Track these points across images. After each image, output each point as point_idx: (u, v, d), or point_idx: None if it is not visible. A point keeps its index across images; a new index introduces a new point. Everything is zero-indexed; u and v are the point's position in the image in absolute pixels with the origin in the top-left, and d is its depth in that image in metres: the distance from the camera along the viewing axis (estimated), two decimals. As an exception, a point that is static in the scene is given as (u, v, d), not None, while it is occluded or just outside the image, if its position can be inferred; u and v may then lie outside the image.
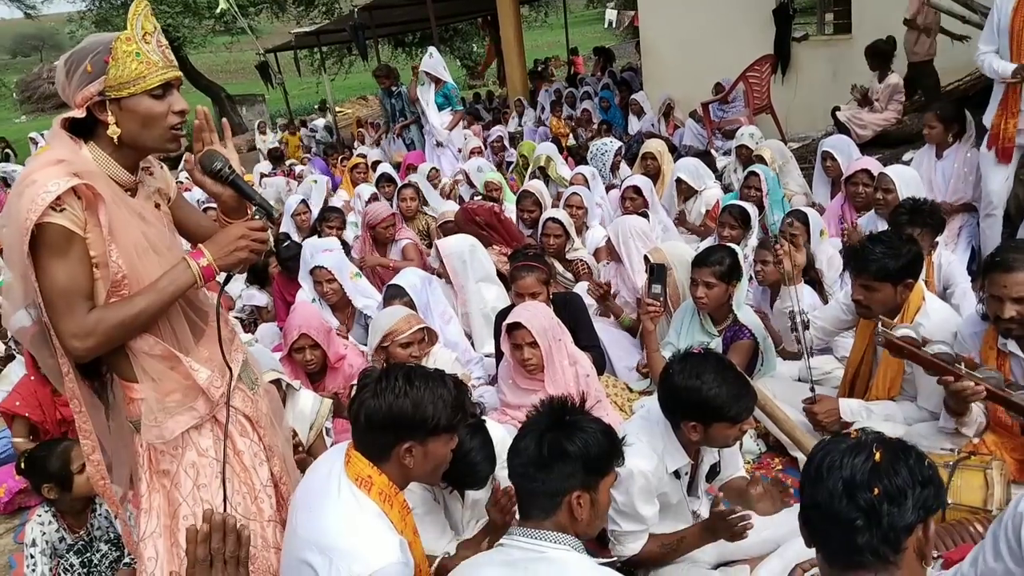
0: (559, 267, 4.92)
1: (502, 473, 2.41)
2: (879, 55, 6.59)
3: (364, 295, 4.44)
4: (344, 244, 5.63)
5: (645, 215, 5.24)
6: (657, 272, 3.59)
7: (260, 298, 5.34)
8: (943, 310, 3.05)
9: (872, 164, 4.72)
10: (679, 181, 5.81)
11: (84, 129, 1.81)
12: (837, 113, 6.84)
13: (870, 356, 3.16)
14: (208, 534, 1.60)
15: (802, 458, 3.12)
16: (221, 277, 1.93)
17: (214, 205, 2.03)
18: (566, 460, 1.84)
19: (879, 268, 2.87)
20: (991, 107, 4.51)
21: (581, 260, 4.97)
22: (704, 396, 2.29)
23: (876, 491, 1.41)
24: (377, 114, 19.16)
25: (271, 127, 19.75)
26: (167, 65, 1.80)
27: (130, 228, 1.81)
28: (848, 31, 8.27)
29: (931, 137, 4.97)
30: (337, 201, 7.89)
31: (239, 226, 1.89)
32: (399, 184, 6.62)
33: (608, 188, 6.66)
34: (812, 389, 3.16)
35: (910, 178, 4.25)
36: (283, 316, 4.80)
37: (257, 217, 1.91)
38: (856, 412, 3.07)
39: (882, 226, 4.27)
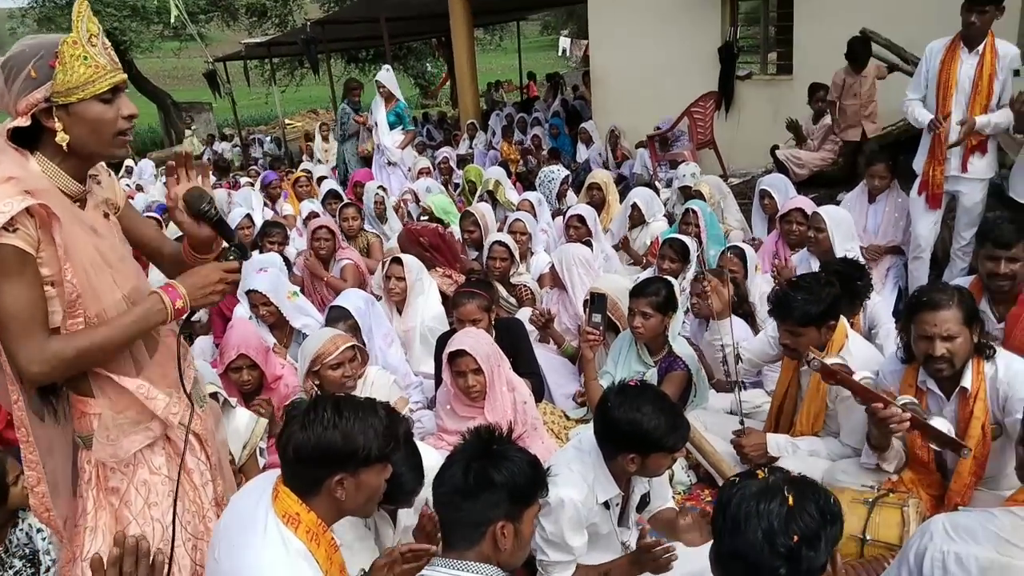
0: (503, 291, 4.95)
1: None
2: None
3: (303, 313, 4.39)
4: (286, 260, 5.58)
5: (588, 244, 5.32)
6: (597, 302, 3.64)
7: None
8: (865, 348, 3.18)
9: (806, 203, 4.89)
10: (634, 207, 5.92)
11: (27, 138, 1.74)
12: (776, 152, 7.07)
13: (794, 391, 3.26)
14: (119, 558, 1.56)
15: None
16: None
17: (154, 215, 2.01)
18: (492, 489, 1.86)
19: (802, 314, 2.98)
20: (920, 154, 4.74)
21: (525, 286, 5.02)
22: (644, 428, 2.33)
23: (796, 538, 1.47)
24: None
25: (219, 137, 19.47)
26: (114, 68, 1.76)
27: (83, 244, 1.77)
28: (789, 72, 8.56)
29: (880, 187, 5.15)
30: (280, 214, 7.81)
31: (216, 269, 1.87)
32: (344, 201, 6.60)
33: (554, 215, 6.75)
34: (742, 422, 3.24)
35: (841, 219, 4.41)
36: (220, 331, 4.72)
37: (232, 257, 1.89)
38: (783, 447, 3.16)
39: (814, 264, 4.44)
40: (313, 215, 6.46)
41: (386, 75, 8.62)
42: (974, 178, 4.55)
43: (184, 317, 1.91)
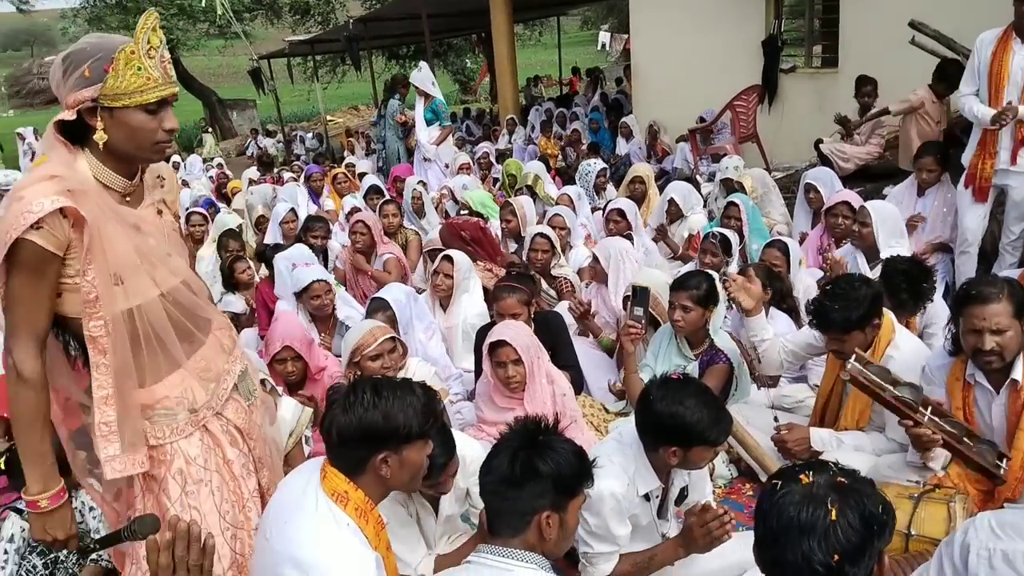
0: (544, 283, 4.97)
1: (475, 489, 2.44)
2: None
3: (347, 304, 4.47)
4: (325, 253, 5.68)
5: (629, 237, 5.31)
6: (640, 295, 3.64)
7: (237, 305, 5.35)
8: (912, 343, 3.12)
9: (853, 197, 4.81)
10: (671, 202, 5.90)
11: (79, 133, 1.81)
12: (820, 145, 6.95)
13: (840, 386, 3.22)
14: (171, 542, 1.61)
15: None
16: None
17: (200, 210, 2.07)
18: (537, 479, 1.87)
19: (843, 322, 2.94)
20: (970, 147, 4.64)
21: (565, 278, 5.03)
22: (687, 422, 2.32)
23: (836, 557, 1.43)
24: (367, 124, 19.23)
25: (262, 133, 19.78)
26: (167, 82, 1.82)
27: (120, 243, 1.82)
28: (835, 64, 8.41)
29: (928, 180, 5.06)
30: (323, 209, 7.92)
31: (66, 529, 1.90)
32: (385, 197, 6.67)
33: (592, 209, 6.76)
34: (776, 419, 3.23)
35: (888, 215, 4.33)
36: (265, 323, 4.81)
37: (85, 543, 1.94)
38: (827, 441, 3.12)
39: (860, 258, 4.37)
40: (355, 210, 6.55)
41: (419, 75, 8.68)
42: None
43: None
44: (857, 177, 6.78)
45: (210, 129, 20.52)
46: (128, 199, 1.91)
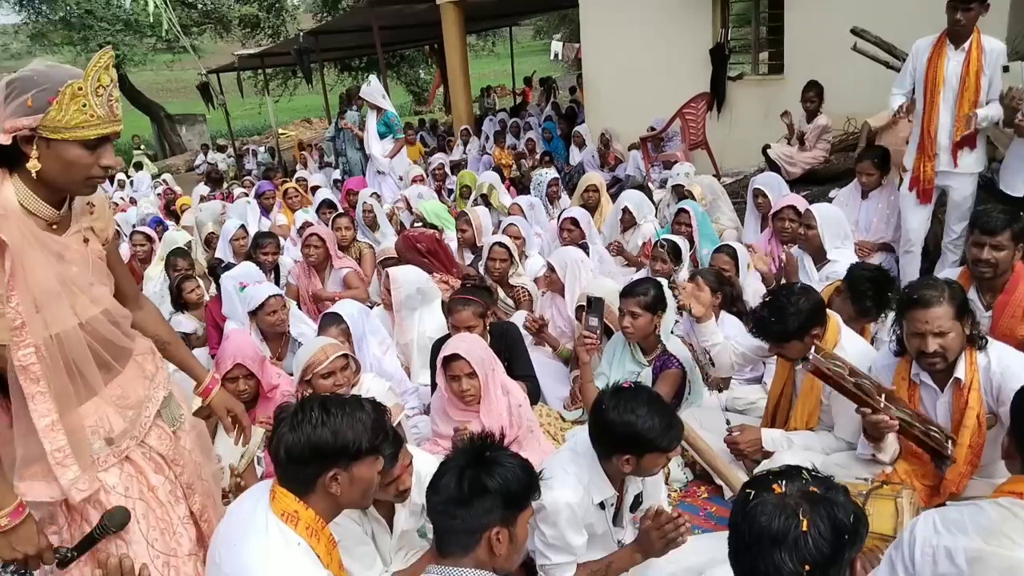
0: (501, 293, 4.97)
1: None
2: None
3: (300, 321, 4.41)
4: (277, 269, 5.60)
5: (583, 246, 5.34)
6: (594, 305, 3.65)
7: (188, 324, 5.24)
8: (858, 345, 3.19)
9: (798, 201, 4.91)
10: (625, 210, 5.95)
11: (9, 158, 1.77)
12: (768, 151, 7.08)
13: (790, 388, 3.28)
14: None
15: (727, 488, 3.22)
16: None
17: (144, 230, 2.03)
18: (485, 496, 1.86)
19: (779, 334, 2.99)
20: (910, 150, 4.76)
21: (523, 287, 5.03)
22: (638, 429, 2.33)
23: (807, 568, 1.44)
24: (320, 137, 19.08)
25: (212, 147, 19.49)
26: (110, 120, 1.79)
27: (41, 270, 1.78)
28: (781, 71, 8.58)
29: (868, 184, 5.20)
30: (266, 223, 7.81)
31: (35, 543, 1.85)
32: (338, 211, 6.62)
33: (550, 218, 6.80)
34: (728, 421, 3.27)
35: (832, 218, 4.43)
36: (215, 342, 4.73)
37: (58, 556, 1.89)
38: (778, 442, 3.18)
39: (807, 260, 4.46)
40: (308, 224, 6.48)
41: (368, 88, 8.65)
42: (964, 172, 4.57)
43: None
44: (804, 181, 6.92)
45: (144, 149, 20.11)
46: (54, 227, 1.86)
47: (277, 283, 5.62)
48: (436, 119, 19.77)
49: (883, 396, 2.70)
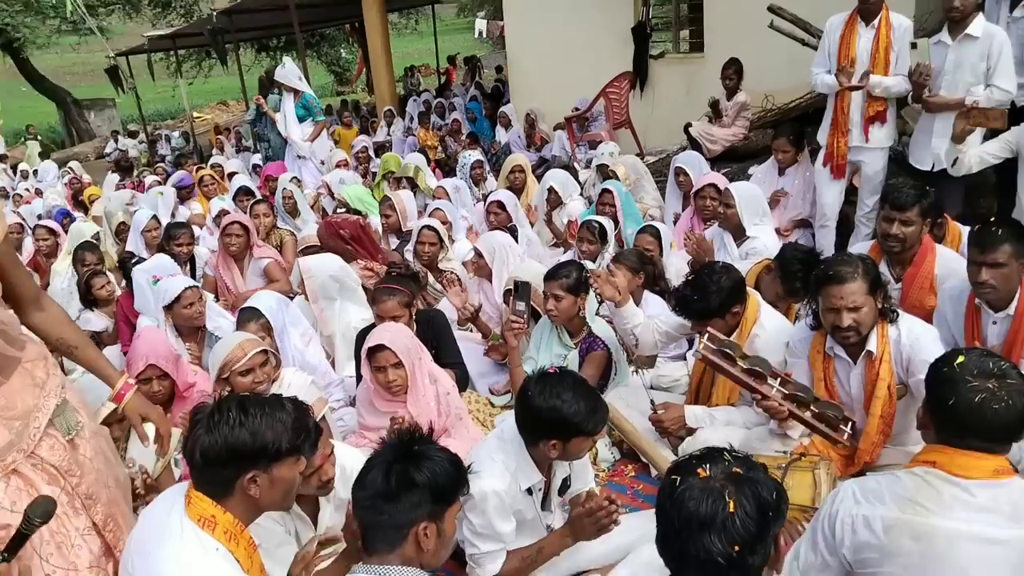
0: (431, 277, 4.91)
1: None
2: None
3: (217, 315, 4.25)
4: (192, 262, 5.40)
5: (511, 230, 5.31)
6: (521, 289, 3.64)
7: (98, 322, 5.01)
8: (777, 321, 3.26)
9: (719, 179, 4.98)
10: (550, 190, 5.94)
11: None
12: (689, 129, 7.17)
13: (712, 367, 3.33)
14: None
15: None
16: None
17: (48, 223, 1.89)
18: (413, 491, 1.82)
19: (701, 312, 3.04)
20: (823, 126, 4.88)
21: (452, 272, 4.98)
22: (564, 414, 2.34)
23: (736, 548, 1.46)
24: (237, 121, 18.51)
25: (123, 133, 18.70)
26: None
27: None
28: (701, 50, 8.69)
29: (784, 160, 5.31)
30: (188, 213, 7.52)
31: None
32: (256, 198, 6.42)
33: (475, 202, 6.74)
34: (652, 401, 3.31)
35: (751, 196, 4.52)
36: (127, 339, 4.54)
37: None
38: (700, 418, 3.24)
39: (727, 237, 4.54)
40: (224, 212, 6.25)
41: (282, 71, 8.38)
42: (875, 147, 4.70)
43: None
44: (724, 158, 7.04)
45: (36, 136, 19.14)
46: None
47: (193, 276, 5.43)
48: (359, 100, 19.38)
49: (777, 380, 2.77)
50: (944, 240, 3.84)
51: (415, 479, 1.85)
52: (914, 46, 4.51)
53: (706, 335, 2.90)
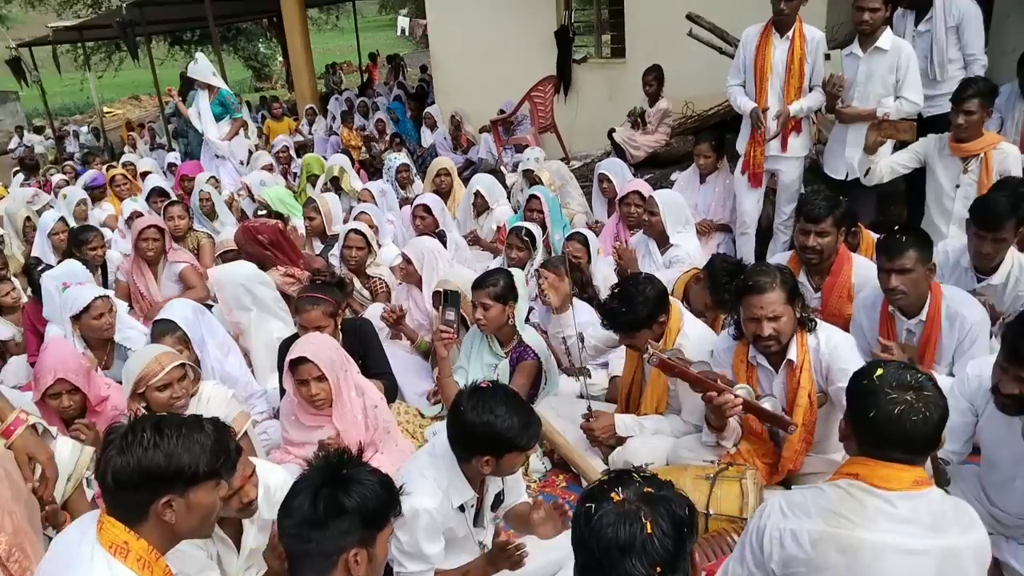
0: (357, 283, 4.81)
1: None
2: None
3: (126, 326, 4.05)
4: (104, 267, 5.16)
5: (438, 234, 5.25)
6: (451, 298, 3.60)
7: (2, 331, 4.73)
8: (699, 330, 3.32)
9: (643, 187, 5.05)
10: (477, 194, 5.90)
11: None
12: (613, 135, 7.26)
13: (640, 375, 3.38)
14: None
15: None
16: None
17: None
18: (343, 517, 1.76)
19: (630, 323, 3.07)
20: (742, 135, 5.00)
21: (380, 278, 4.89)
22: (497, 429, 2.31)
23: (658, 569, 1.46)
24: (151, 116, 17.81)
25: (29, 129, 17.75)
26: None
27: None
28: (623, 55, 8.79)
29: (705, 166, 5.42)
30: (101, 215, 7.18)
31: None
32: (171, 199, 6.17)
33: (401, 204, 6.66)
34: (589, 408, 3.32)
35: (674, 203, 4.60)
36: (34, 350, 4.30)
37: None
38: (630, 427, 3.27)
39: (651, 244, 4.61)
40: (137, 214, 5.99)
41: (196, 67, 8.08)
42: (791, 156, 4.85)
43: None
44: (647, 164, 7.15)
45: None
46: None
47: (104, 281, 5.18)
48: (278, 96, 18.91)
49: (719, 381, 2.82)
50: (859, 248, 3.98)
51: (344, 504, 1.79)
52: (828, 57, 4.67)
53: (649, 346, 2.92)
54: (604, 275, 4.46)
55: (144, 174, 8.13)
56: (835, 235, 3.57)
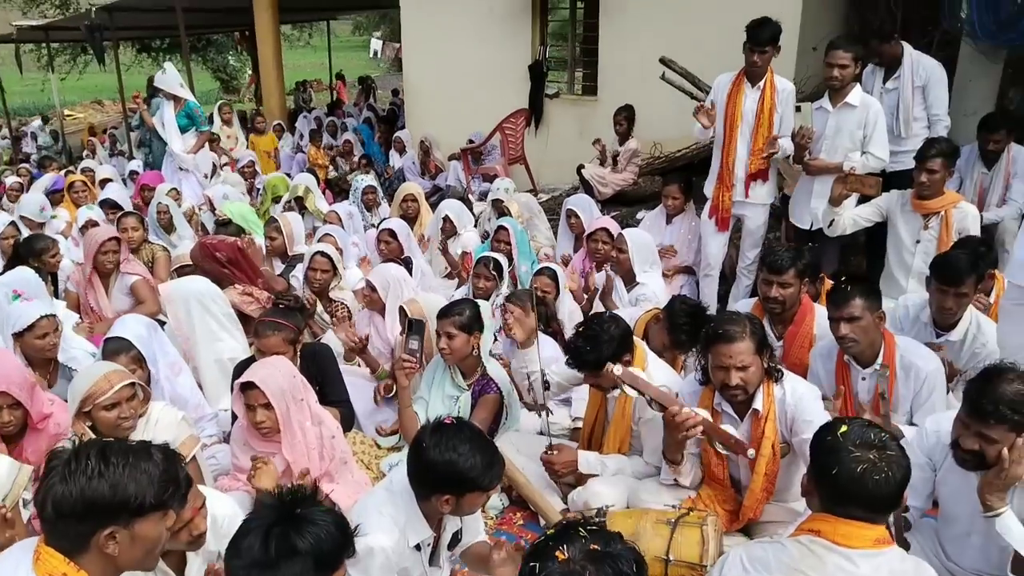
0: (319, 306, 4.71)
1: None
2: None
3: (71, 346, 3.89)
4: (55, 276, 4.99)
5: (403, 261, 5.18)
6: (415, 327, 3.54)
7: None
8: (664, 372, 3.31)
9: (611, 224, 5.08)
10: (446, 219, 5.89)
11: None
12: (582, 171, 7.31)
13: (603, 415, 3.35)
14: None
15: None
16: None
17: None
18: (295, 559, 1.69)
19: (595, 362, 3.04)
20: (710, 179, 5.06)
21: (342, 302, 4.80)
22: (459, 468, 2.26)
23: None
24: (113, 122, 17.47)
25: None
26: None
27: None
28: (595, 93, 8.90)
29: (673, 207, 5.47)
30: (59, 223, 6.97)
31: None
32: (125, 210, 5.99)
33: (366, 228, 6.59)
34: (550, 445, 3.29)
35: (643, 243, 4.63)
36: (-26, 361, 4.10)
37: None
38: (593, 464, 3.24)
39: (618, 281, 4.62)
40: (92, 223, 5.81)
41: (163, 77, 7.94)
42: (756, 203, 4.92)
43: None
44: (614, 201, 7.21)
45: None
46: None
47: (55, 291, 5.01)
48: (246, 111, 18.70)
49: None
50: (820, 298, 4.04)
51: (297, 546, 1.71)
52: (798, 109, 4.76)
53: (620, 368, 2.90)
54: (570, 311, 4.45)
55: (104, 181, 7.91)
56: (797, 285, 3.64)
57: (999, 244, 4.90)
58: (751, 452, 2.73)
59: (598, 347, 3.04)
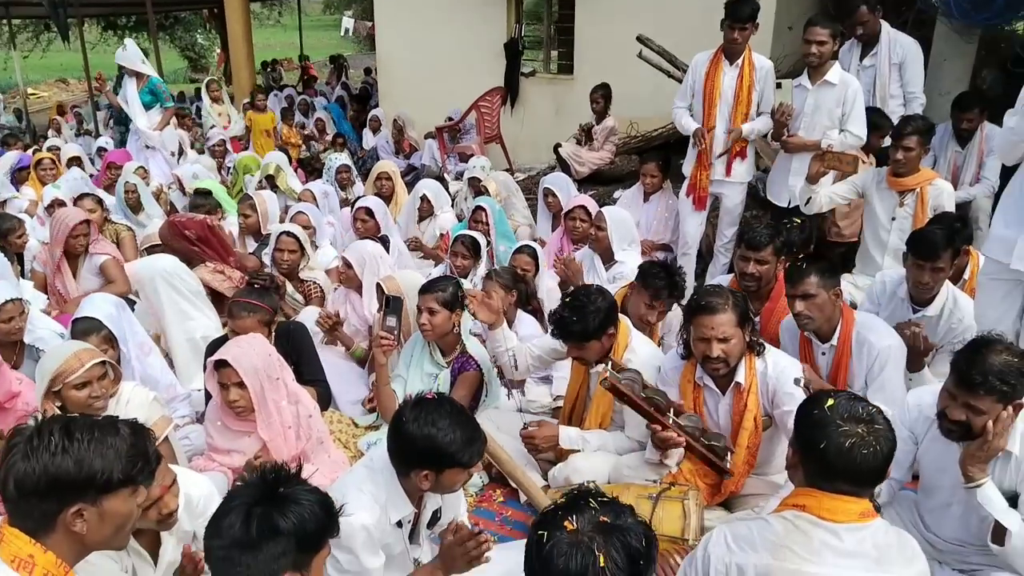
0: (290, 287, 4.63)
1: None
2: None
3: (38, 326, 3.77)
4: (20, 258, 4.85)
5: (380, 239, 5.11)
6: (392, 304, 3.49)
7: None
8: (648, 347, 3.31)
9: (589, 202, 5.04)
10: (423, 198, 5.81)
11: None
12: (559, 149, 7.26)
13: (584, 390, 3.35)
14: None
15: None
16: None
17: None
18: (277, 539, 1.63)
19: (581, 333, 3.03)
20: (688, 159, 5.04)
21: (314, 282, 4.72)
22: (439, 443, 2.22)
23: None
24: (79, 101, 17.07)
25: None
26: None
27: None
28: (571, 72, 8.84)
29: (651, 186, 5.45)
30: (22, 202, 6.79)
31: None
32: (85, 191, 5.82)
33: (340, 205, 6.50)
34: (525, 424, 3.31)
35: (621, 221, 4.60)
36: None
37: None
38: (574, 440, 3.23)
39: (596, 260, 4.59)
40: (58, 203, 5.66)
41: (124, 53, 7.72)
42: (735, 181, 4.92)
43: None
44: (591, 180, 7.17)
45: None
46: None
47: (21, 270, 4.87)
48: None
49: (671, 411, 2.81)
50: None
51: (279, 526, 1.65)
52: (779, 86, 4.75)
53: (610, 363, 2.90)
54: (549, 288, 4.42)
55: (70, 160, 7.70)
56: (774, 262, 3.66)
57: (972, 221, 4.95)
58: (727, 476, 2.78)
59: (584, 318, 3.01)
